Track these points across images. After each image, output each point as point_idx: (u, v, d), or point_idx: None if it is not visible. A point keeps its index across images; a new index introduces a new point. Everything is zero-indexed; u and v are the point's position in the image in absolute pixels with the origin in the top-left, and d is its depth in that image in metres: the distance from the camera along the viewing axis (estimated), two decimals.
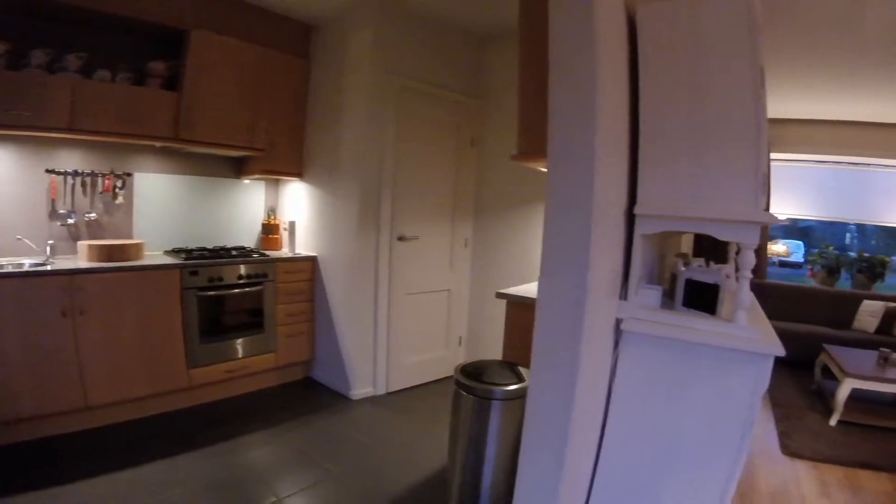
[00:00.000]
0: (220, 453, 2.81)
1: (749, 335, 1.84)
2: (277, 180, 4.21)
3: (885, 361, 4.07)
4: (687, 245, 4.20)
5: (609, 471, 2.12)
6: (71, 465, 2.56)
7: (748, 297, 1.88)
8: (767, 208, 6.45)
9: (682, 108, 1.94)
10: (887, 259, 6.26)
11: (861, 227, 7.02)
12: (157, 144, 3.37)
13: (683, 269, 2.07)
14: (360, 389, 3.69)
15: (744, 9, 1.86)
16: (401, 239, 3.75)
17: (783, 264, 7.02)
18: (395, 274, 3.76)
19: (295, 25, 3.82)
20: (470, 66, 4.14)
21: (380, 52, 3.47)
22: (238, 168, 3.98)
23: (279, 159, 3.82)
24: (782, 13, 3.49)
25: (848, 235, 7.16)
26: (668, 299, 2.16)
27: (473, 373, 2.20)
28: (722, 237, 1.87)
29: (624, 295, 2.00)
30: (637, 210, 1.93)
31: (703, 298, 1.99)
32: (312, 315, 3.92)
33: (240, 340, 3.53)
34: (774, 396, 4.43)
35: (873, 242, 7.15)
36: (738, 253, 1.89)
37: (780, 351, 1.83)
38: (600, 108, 1.60)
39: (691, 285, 2.03)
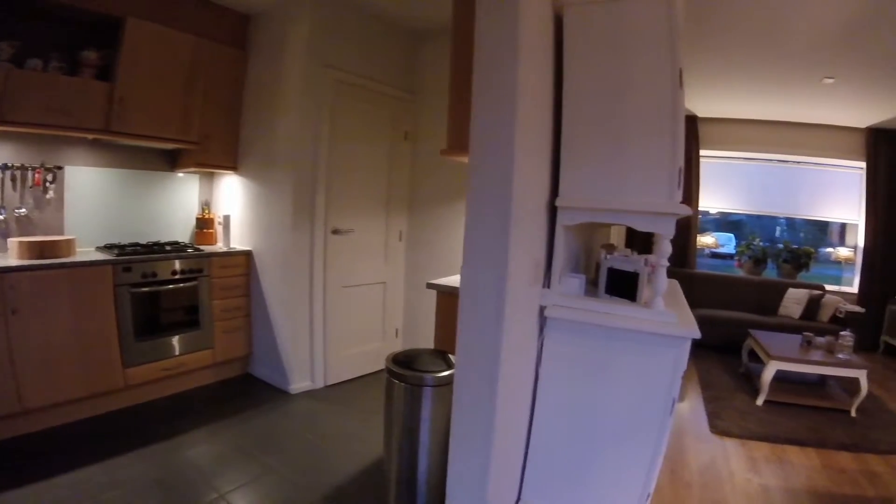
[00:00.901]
0: (160, 452, 2.77)
1: (666, 320, 1.96)
2: (212, 173, 4.12)
3: (808, 344, 4.34)
4: (620, 237, 4.38)
5: (540, 449, 2.22)
6: (7, 472, 2.47)
7: (665, 283, 1.99)
8: (693, 201, 6.77)
9: (603, 105, 2.04)
10: (812, 250, 6.64)
11: (790, 221, 7.40)
12: (90, 137, 3.24)
13: (606, 258, 2.16)
14: (299, 383, 3.68)
15: (665, 14, 1.96)
16: (335, 232, 3.74)
17: (715, 255, 7.34)
18: (331, 267, 3.76)
19: (232, 16, 3.75)
20: (406, 62, 4.17)
21: (317, 44, 3.45)
22: (172, 161, 3.88)
23: (214, 152, 3.74)
24: (710, 22, 3.70)
25: (778, 229, 7.53)
26: (593, 287, 2.25)
27: (405, 361, 2.24)
28: (639, 228, 1.97)
29: (547, 283, 2.08)
30: (558, 202, 2.01)
31: (624, 286, 2.09)
32: (248, 310, 3.87)
33: (176, 338, 3.45)
34: (704, 379, 4.64)
35: (802, 235, 7.55)
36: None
37: (696, 334, 1.95)
38: (521, 106, 1.67)
39: (613, 274, 2.12)
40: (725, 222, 7.67)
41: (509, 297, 1.68)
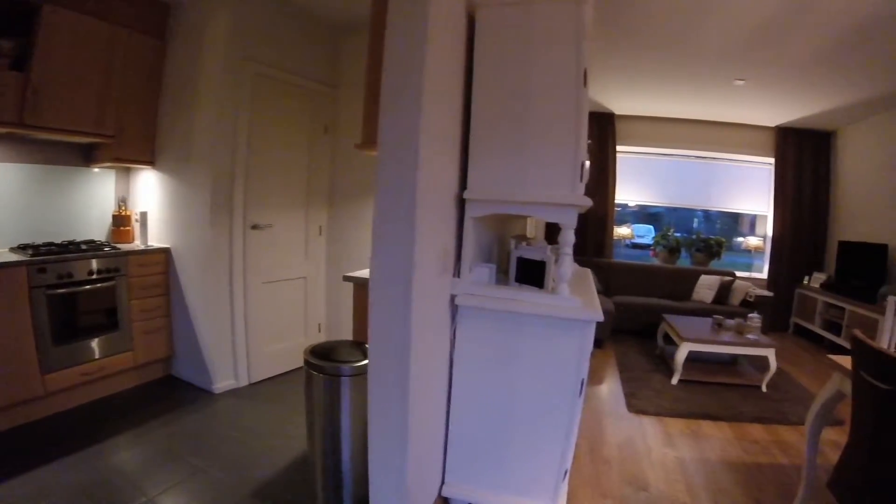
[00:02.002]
0: (85, 460, 2.68)
1: (571, 304, 2.07)
2: (129, 168, 3.97)
3: (718, 327, 4.64)
4: (540, 229, 4.53)
5: (459, 433, 2.30)
6: None
7: (569, 270, 2.10)
8: (609, 195, 7.02)
9: (511, 101, 2.12)
10: (723, 239, 7.10)
11: (707, 213, 7.83)
12: (2, 131, 3.07)
13: (515, 248, 2.27)
14: (222, 382, 3.64)
15: (572, 18, 2.07)
16: (254, 227, 3.70)
17: (637, 246, 7.69)
18: (251, 263, 3.71)
19: (151, 4, 3.61)
20: (327, 55, 4.15)
21: (236, 36, 3.40)
22: (87, 156, 3.72)
23: (130, 146, 3.61)
24: (626, 25, 3.89)
25: (696, 220, 7.95)
26: (505, 276, 2.35)
27: (322, 353, 2.26)
28: (544, 218, 2.09)
29: (458, 273, 2.16)
30: (466, 195, 2.09)
31: (532, 274, 2.20)
32: (168, 310, 3.77)
33: (95, 340, 3.33)
34: (622, 362, 4.87)
35: (718, 226, 8.00)
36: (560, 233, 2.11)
37: (599, 317, 2.07)
38: (427, 101, 1.73)
39: (522, 262, 2.23)
40: (645, 214, 8.03)
41: (416, 286, 1.74)
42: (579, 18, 2.06)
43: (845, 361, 2.16)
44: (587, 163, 2.77)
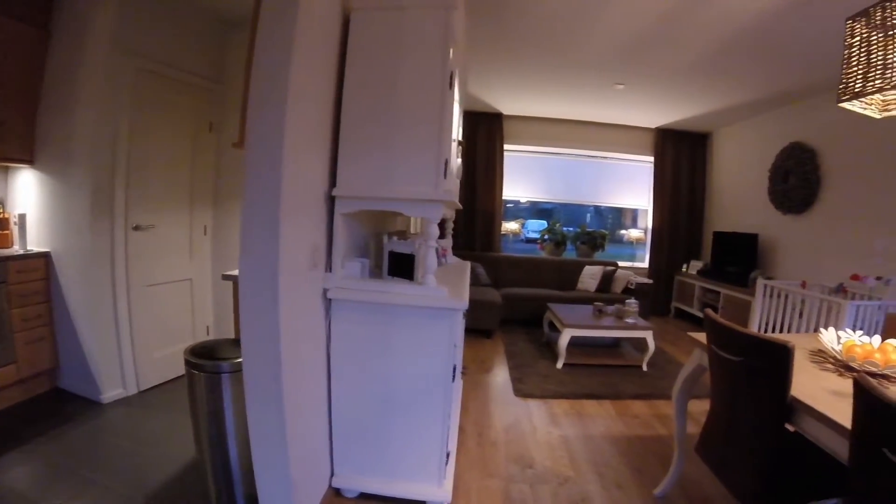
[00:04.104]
0: None
1: (437, 294, 2.20)
2: (6, 167, 3.68)
3: (599, 313, 4.99)
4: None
5: (343, 425, 2.37)
6: None
7: (434, 263, 2.24)
8: (497, 192, 7.25)
9: (380, 102, 2.22)
10: (606, 232, 7.63)
11: (598, 208, 8.33)
12: None
13: (387, 243, 2.38)
14: (111, 392, 3.50)
15: (442, 24, 2.20)
16: (137, 229, 3.57)
17: (530, 240, 8.06)
18: (134, 265, 3.58)
19: None
20: (214, 50, 4.05)
21: (122, 29, 3.27)
22: None
23: (8, 143, 3.35)
24: (512, 30, 4.08)
25: (588, 216, 8.44)
26: (379, 269, 2.46)
27: (203, 352, 2.26)
28: (409, 214, 2.21)
29: (330, 267, 2.24)
30: (335, 192, 2.18)
31: (403, 267, 2.32)
32: (51, 318, 3.55)
33: None
34: (510, 351, 5.09)
35: (610, 220, 8.52)
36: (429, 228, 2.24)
37: (463, 306, 2.21)
38: (294, 101, 1.79)
39: (393, 256, 2.35)
40: (539, 210, 8.41)
41: (284, 281, 1.79)
42: (448, 24, 2.18)
43: (703, 338, 2.28)
44: (457, 160, 2.93)
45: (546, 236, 7.66)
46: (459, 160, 3.11)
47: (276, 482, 1.97)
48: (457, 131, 2.84)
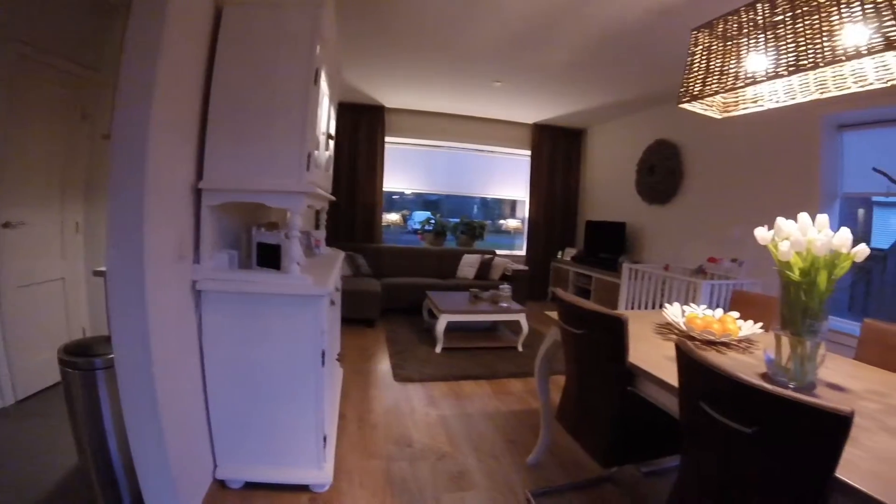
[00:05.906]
0: None
1: (301, 282, 2.29)
2: None
3: (475, 298, 5.28)
4: (308, 218, 4.70)
5: (221, 416, 2.39)
6: None
7: (298, 252, 2.33)
8: (378, 183, 7.41)
9: (247, 95, 2.26)
10: (485, 222, 8.04)
11: (484, 199, 8.70)
12: None
13: (255, 234, 2.45)
14: None
15: (311, 21, 2.27)
16: (6, 226, 3.28)
17: (416, 231, 8.30)
18: (4, 265, 3.28)
19: None
20: (90, 33, 3.76)
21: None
22: None
23: None
24: (392, 26, 4.17)
25: (475, 207, 8.80)
26: (250, 260, 2.52)
27: (77, 350, 2.19)
28: (274, 205, 2.29)
29: (198, 259, 2.27)
30: (201, 185, 2.21)
31: (271, 257, 2.40)
32: None
33: None
34: (391, 339, 5.22)
35: (497, 212, 8.94)
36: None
37: (325, 292, 2.31)
38: (160, 91, 1.81)
39: (261, 247, 2.43)
40: (425, 202, 8.65)
41: (150, 273, 1.81)
42: (316, 20, 2.27)
43: (557, 316, 2.42)
44: (327, 153, 3.04)
45: (426, 227, 7.91)
46: (329, 153, 3.20)
47: (157, 478, 1.97)
48: (326, 125, 2.91)
